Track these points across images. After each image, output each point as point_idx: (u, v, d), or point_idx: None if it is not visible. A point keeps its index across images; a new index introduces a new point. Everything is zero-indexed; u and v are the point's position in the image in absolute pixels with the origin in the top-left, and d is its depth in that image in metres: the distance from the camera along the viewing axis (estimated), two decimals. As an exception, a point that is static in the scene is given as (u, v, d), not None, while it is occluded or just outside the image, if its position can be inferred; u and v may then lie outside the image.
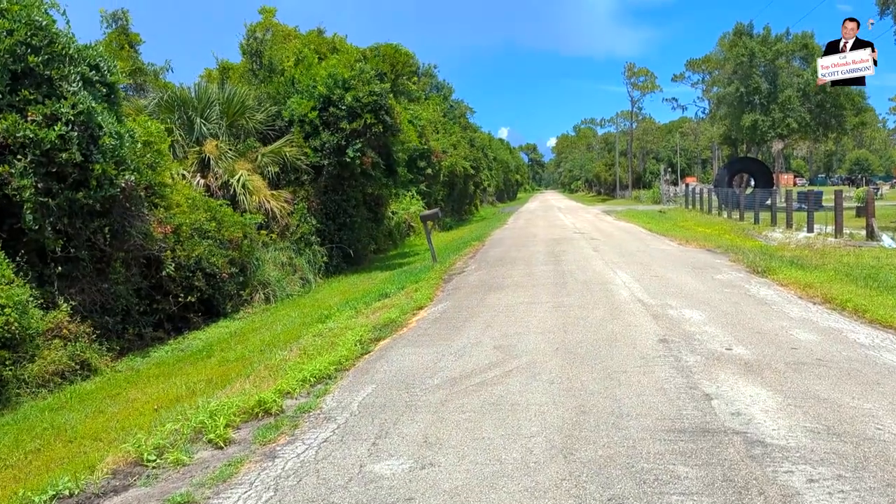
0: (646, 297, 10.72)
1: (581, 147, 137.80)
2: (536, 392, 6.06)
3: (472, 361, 7.25)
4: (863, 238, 20.88)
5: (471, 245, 22.26)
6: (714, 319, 8.87)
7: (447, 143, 37.06)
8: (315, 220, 17.97)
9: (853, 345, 7.46)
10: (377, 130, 18.17)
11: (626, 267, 14.47)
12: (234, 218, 13.97)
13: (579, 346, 7.62)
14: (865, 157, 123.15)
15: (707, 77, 73.30)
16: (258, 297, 14.14)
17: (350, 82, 18.17)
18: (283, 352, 8.59)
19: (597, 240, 21.97)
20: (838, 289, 10.82)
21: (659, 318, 8.99)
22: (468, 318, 9.74)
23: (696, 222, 31.78)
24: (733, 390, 5.87)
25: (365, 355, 7.96)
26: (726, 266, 14.50)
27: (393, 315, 9.98)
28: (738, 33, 44.22)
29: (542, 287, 12.21)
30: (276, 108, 18.53)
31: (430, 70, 46.16)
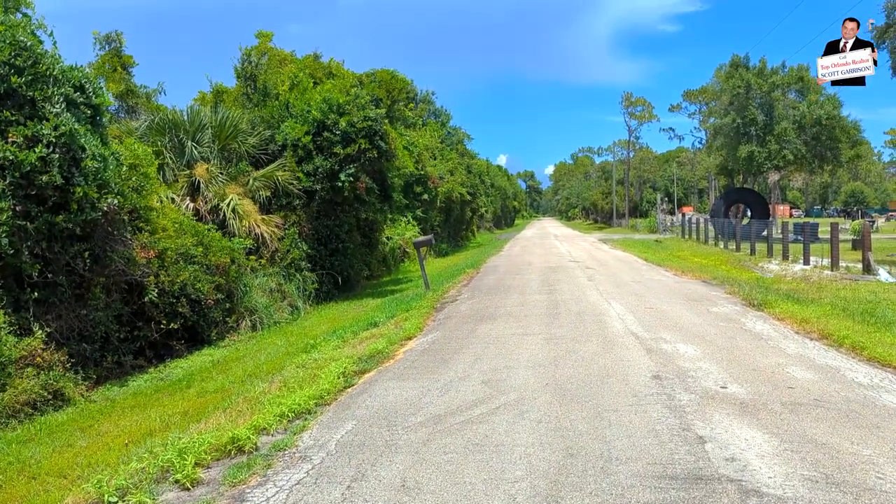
0: (640, 329, 10.47)
1: (578, 175, 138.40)
2: (523, 432, 5.79)
3: (458, 397, 6.98)
4: (859, 271, 20.70)
5: (465, 272, 22.02)
6: (709, 355, 8.61)
7: (444, 168, 37.00)
8: (306, 245, 17.74)
9: (851, 384, 7.20)
10: (371, 156, 18.02)
11: (621, 298, 14.23)
12: (222, 243, 13.73)
13: (570, 382, 7.35)
14: (861, 190, 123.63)
15: (704, 108, 73.70)
16: (245, 324, 13.85)
17: (345, 107, 18.05)
18: (264, 383, 8.31)
19: (592, 269, 21.76)
20: (835, 324, 10.59)
21: (652, 353, 8.73)
22: (457, 350, 9.47)
23: (693, 252, 31.63)
24: (728, 433, 5.60)
25: (348, 389, 7.68)
26: (722, 298, 14.27)
27: (380, 346, 9.71)
28: (734, 65, 44.49)
29: (535, 317, 11.96)
30: (270, 132, 18.38)
31: (428, 96, 46.37)
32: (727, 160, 46.59)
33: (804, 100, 42.63)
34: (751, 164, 42.82)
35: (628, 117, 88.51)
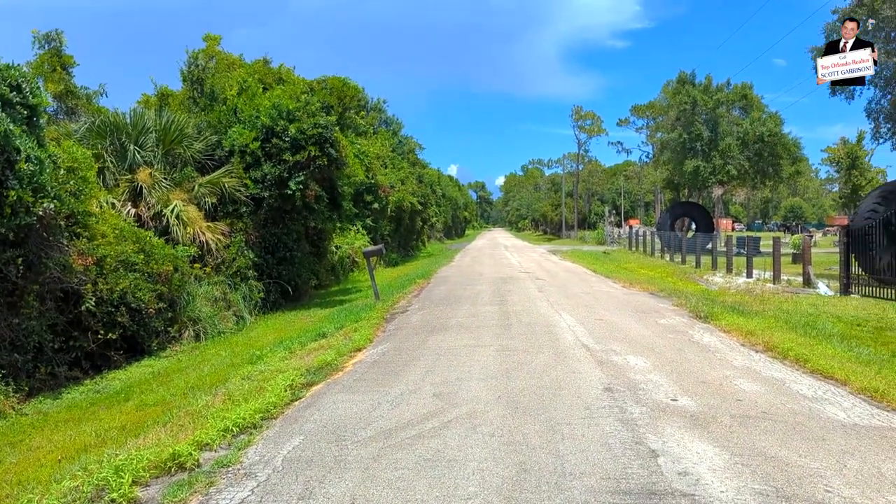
0: (590, 341, 10.49)
1: (529, 187, 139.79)
2: (476, 446, 5.67)
3: (409, 410, 6.82)
4: (800, 284, 21.29)
5: (416, 282, 21.87)
6: (658, 367, 8.65)
7: (395, 178, 36.82)
8: (253, 253, 17.34)
9: (796, 397, 7.31)
10: (322, 163, 17.74)
11: (571, 309, 14.29)
12: (164, 250, 13.29)
13: (522, 395, 7.27)
14: (799, 205, 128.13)
15: (651, 122, 75.33)
16: (187, 334, 13.41)
17: (295, 114, 17.76)
18: (208, 396, 8.01)
19: (542, 280, 21.86)
20: (779, 337, 10.80)
21: (603, 365, 8.73)
22: (408, 361, 9.31)
23: (640, 264, 32.14)
24: (680, 446, 5.58)
25: (295, 402, 7.45)
26: (670, 310, 14.46)
27: (329, 357, 9.49)
28: (681, 81, 45.59)
29: (487, 329, 11.89)
30: (217, 138, 17.95)
31: (380, 105, 46.15)
32: (674, 174, 47.67)
33: (747, 117, 43.94)
34: (696, 179, 43.86)
35: (578, 130, 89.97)
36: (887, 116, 24.52)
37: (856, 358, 9.66)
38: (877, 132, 25.02)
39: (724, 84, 45.18)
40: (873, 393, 7.42)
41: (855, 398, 7.32)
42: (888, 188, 21.65)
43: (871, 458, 5.36)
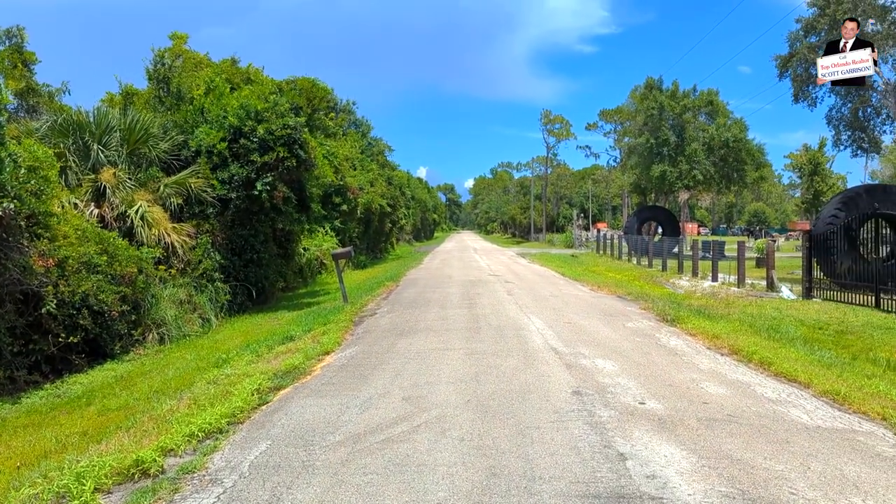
0: (559, 344, 10.53)
1: (497, 189, 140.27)
2: (445, 451, 5.64)
3: (378, 415, 6.77)
4: (763, 288, 21.66)
5: (384, 285, 21.79)
6: (626, 370, 8.72)
7: (364, 180, 36.65)
8: (219, 255, 17.10)
9: (761, 399, 7.41)
10: (290, 165, 17.58)
11: (540, 312, 14.34)
12: (128, 251, 13.03)
13: (492, 399, 7.26)
14: (763, 210, 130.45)
15: (619, 127, 76.14)
16: (152, 337, 13.16)
17: (263, 114, 17.57)
18: (172, 401, 7.86)
19: (511, 283, 21.93)
20: (744, 340, 10.96)
21: (572, 368, 8.77)
22: (377, 365, 9.25)
23: (607, 268, 32.44)
24: (648, 449, 5.62)
25: (262, 406, 7.35)
26: (637, 314, 14.59)
27: (296, 361, 9.39)
28: (648, 87, 46.17)
29: (456, 332, 11.87)
30: (183, 138, 17.67)
31: (349, 106, 45.89)
32: (641, 178, 48.23)
33: (713, 123, 44.66)
34: (663, 183, 44.44)
35: (547, 134, 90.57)
36: (848, 124, 25.10)
37: (818, 361, 9.86)
38: (837, 139, 25.63)
39: (690, 90, 45.96)
40: (835, 396, 7.56)
41: (818, 401, 7.45)
42: (848, 194, 22.14)
43: (834, 460, 5.45)
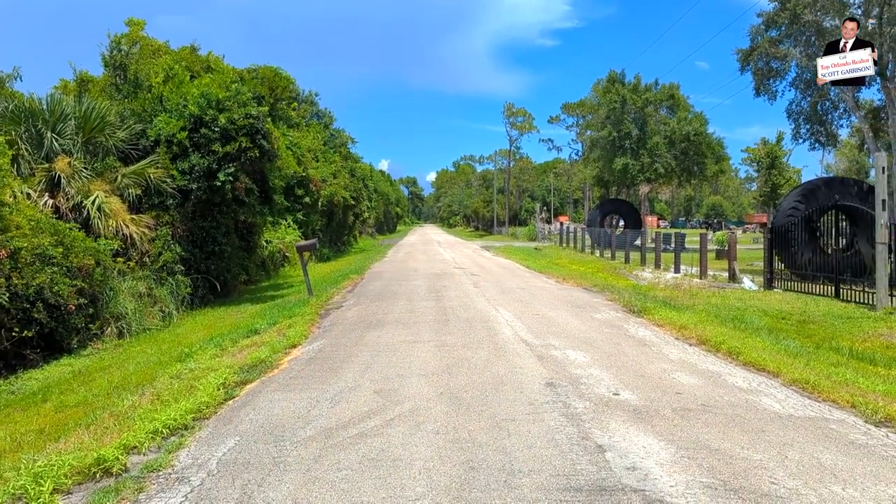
0: (529, 336, 10.46)
1: (460, 183, 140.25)
2: (421, 445, 5.51)
3: (349, 409, 6.60)
4: (725, 280, 21.97)
5: (349, 278, 21.54)
6: (598, 361, 8.68)
7: (327, 171, 36.21)
8: (180, 247, 16.66)
9: (733, 389, 7.43)
10: (252, 155, 17.19)
11: (508, 304, 14.28)
12: (85, 243, 12.59)
13: (465, 391, 7.15)
14: (720, 203, 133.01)
15: (581, 121, 76.65)
16: (110, 330, 12.75)
17: (224, 103, 17.13)
18: (134, 396, 7.57)
19: (477, 276, 21.86)
20: (711, 330, 11.04)
21: (544, 360, 8.70)
22: (346, 358, 9.07)
23: (571, 260, 32.62)
24: (626, 441, 5.56)
25: (229, 401, 7.11)
26: (604, 305, 14.63)
27: (262, 354, 9.15)
28: (611, 80, 46.51)
29: (425, 324, 11.73)
30: (141, 127, 17.15)
31: (312, 97, 45.30)
32: (603, 172, 48.61)
33: (674, 116, 45.22)
34: (625, 176, 44.87)
35: (510, 127, 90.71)
36: (807, 118, 25.57)
37: (784, 350, 9.97)
38: (797, 133, 26.08)
39: (652, 84, 46.34)
40: (804, 384, 7.62)
41: (787, 389, 7.50)
42: (808, 186, 22.57)
43: (810, 448, 5.46)
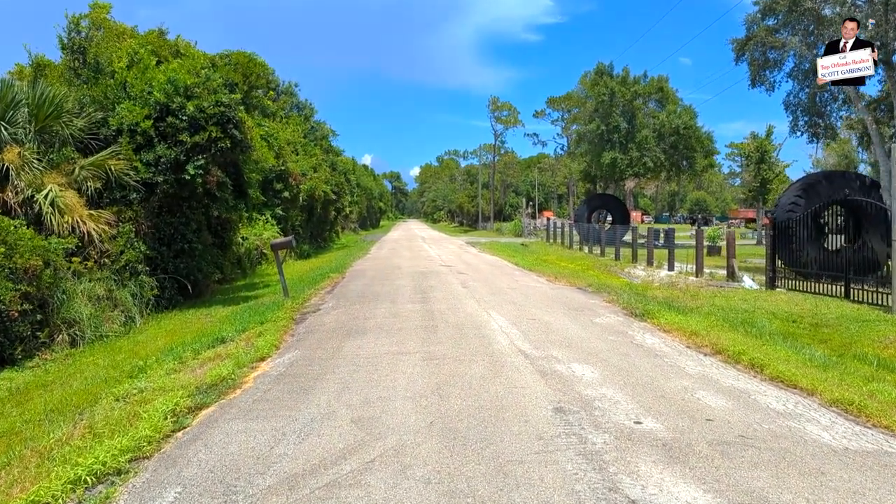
0: (527, 346, 9.38)
1: (444, 178, 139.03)
2: (408, 499, 4.40)
3: (321, 445, 5.48)
4: (723, 278, 21.03)
5: (329, 277, 20.36)
6: (609, 378, 7.61)
7: (307, 165, 34.91)
8: (145, 245, 15.40)
9: (769, 413, 6.40)
10: (224, 146, 15.95)
11: (500, 307, 13.20)
12: (33, 242, 11.33)
13: (459, 420, 6.04)
14: (704, 199, 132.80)
15: (566, 115, 75.66)
16: (61, 338, 11.51)
17: (193, 90, 15.87)
18: (67, 425, 6.40)
19: (465, 274, 20.76)
20: (724, 338, 10.05)
21: (547, 377, 7.62)
22: (320, 374, 7.93)
23: (559, 257, 31.64)
24: (663, 492, 4.49)
25: (178, 433, 5.97)
26: (602, 307, 13.60)
27: (225, 370, 7.98)
28: (599, 73, 45.48)
29: (410, 331, 10.61)
30: (102, 115, 15.84)
31: (291, 88, 43.78)
32: (591, 166, 47.63)
33: (663, 109, 44.29)
34: (613, 171, 43.89)
35: (494, 121, 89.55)
36: (805, 110, 24.70)
37: (809, 361, 8.96)
38: (795, 125, 25.21)
39: (640, 76, 45.37)
40: (847, 406, 6.62)
41: (830, 412, 6.49)
42: (808, 181, 21.68)
43: (889, 501, 4.41)
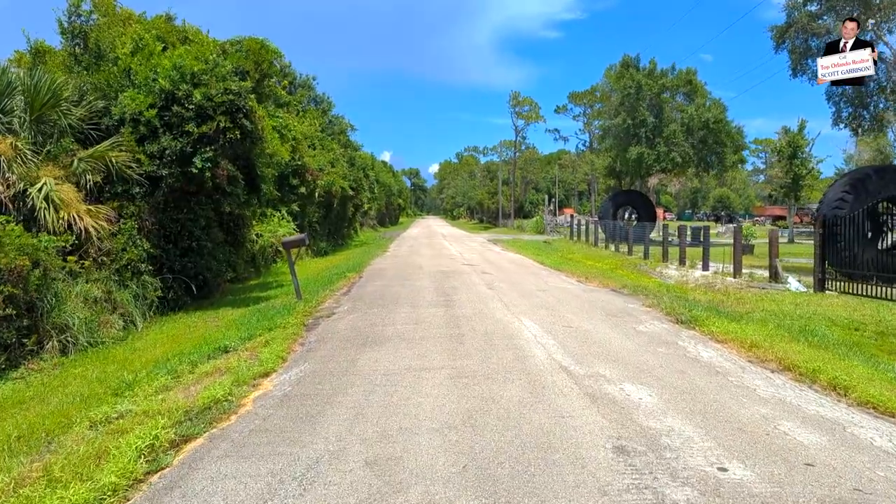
0: (568, 360, 8.20)
1: (464, 174, 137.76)
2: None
3: (327, 497, 4.35)
4: (763, 279, 19.69)
5: (346, 276, 19.28)
6: (672, 404, 6.42)
7: (325, 160, 33.84)
8: (148, 243, 14.38)
9: (877, 454, 5.21)
10: (233, 136, 14.89)
11: (532, 312, 12.02)
12: (20, 240, 10.32)
13: (499, 463, 4.89)
14: (727, 196, 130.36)
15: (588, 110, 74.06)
16: (51, 345, 10.50)
17: (201, 77, 14.83)
18: (24, 463, 5.32)
19: (489, 274, 19.58)
20: (790, 350, 8.85)
21: (598, 402, 6.44)
22: (331, 395, 6.81)
23: (585, 255, 30.38)
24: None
25: (153, 476, 4.88)
26: (643, 313, 12.39)
27: (221, 390, 6.88)
28: (625, 65, 43.92)
29: (434, 341, 9.46)
30: (104, 103, 14.83)
31: (309, 82, 42.62)
32: (616, 161, 46.14)
33: (692, 103, 42.66)
34: (640, 166, 42.37)
35: (515, 117, 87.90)
36: (849, 100, 23.25)
37: None
38: (838, 117, 23.76)
39: (668, 69, 43.78)
40: (970, 443, 5.39)
41: (953, 454, 5.25)
42: (856, 175, 20.25)
43: None
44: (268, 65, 17.45)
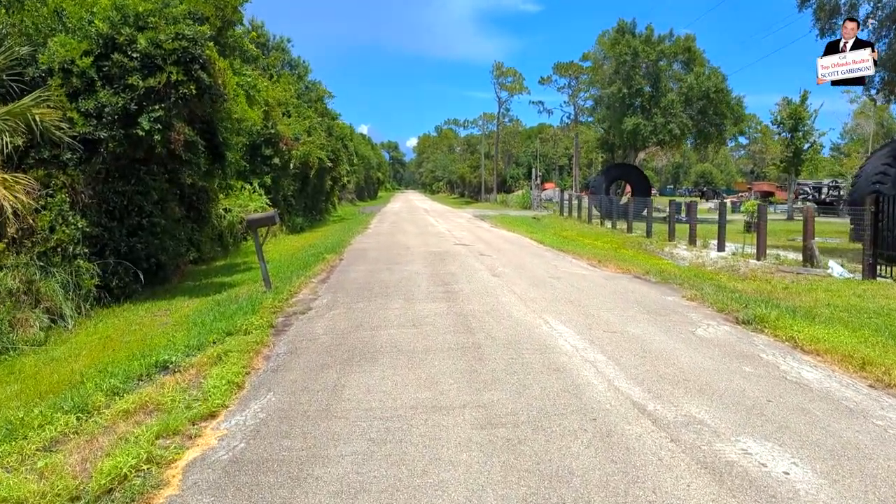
0: (637, 391, 5.91)
1: (443, 148, 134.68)
2: None
3: None
4: (795, 262, 17.58)
5: (324, 259, 16.84)
6: (827, 478, 4.14)
7: (300, 128, 31.09)
8: (85, 220, 11.82)
9: None
10: (187, 92, 12.30)
11: (556, 309, 9.70)
12: None
13: None
14: (709, 171, 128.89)
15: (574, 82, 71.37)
16: (-64, 358, 8.08)
17: (147, 18, 12.21)
18: None
19: (488, 256, 17.22)
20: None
21: (724, 480, 4.14)
22: (304, 464, 4.43)
23: (579, 233, 28.25)
24: None
25: None
26: (688, 308, 10.16)
27: (133, 455, 4.47)
28: (620, 31, 41.25)
29: (443, 356, 7.10)
30: (30, 50, 12.17)
31: (283, 44, 39.43)
32: (609, 133, 43.78)
33: (690, 72, 40.28)
34: (635, 138, 40.03)
35: (499, 88, 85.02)
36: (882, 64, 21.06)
37: None
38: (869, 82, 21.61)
39: (666, 35, 41.26)
40: None
41: None
42: (897, 147, 18.15)
43: None
44: (232, 10, 14.87)
